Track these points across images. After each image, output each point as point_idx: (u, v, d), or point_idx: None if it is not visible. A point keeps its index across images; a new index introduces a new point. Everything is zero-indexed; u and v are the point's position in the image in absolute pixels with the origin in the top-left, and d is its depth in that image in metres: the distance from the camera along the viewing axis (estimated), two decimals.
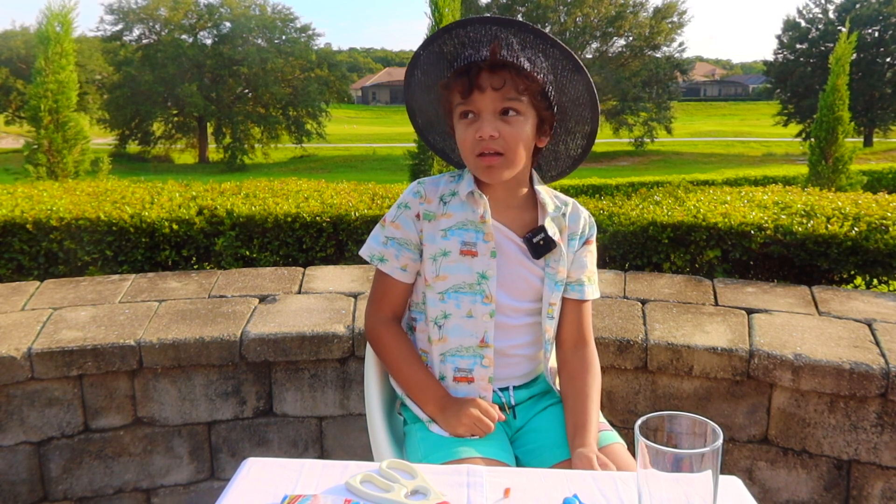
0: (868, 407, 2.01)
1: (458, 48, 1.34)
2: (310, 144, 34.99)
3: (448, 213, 1.39)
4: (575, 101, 1.37)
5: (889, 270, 2.74)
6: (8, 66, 33.11)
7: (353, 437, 2.31)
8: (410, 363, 1.41)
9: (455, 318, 1.39)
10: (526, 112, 1.32)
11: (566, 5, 34.03)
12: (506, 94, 1.29)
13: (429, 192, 1.41)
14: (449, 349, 1.40)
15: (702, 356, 2.10)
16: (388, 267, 1.41)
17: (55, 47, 5.40)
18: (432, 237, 1.39)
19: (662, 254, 2.94)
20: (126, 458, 2.25)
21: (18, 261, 3.03)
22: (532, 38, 1.30)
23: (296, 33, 36.06)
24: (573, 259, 1.45)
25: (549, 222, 1.40)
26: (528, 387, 1.47)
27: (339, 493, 0.98)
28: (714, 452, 0.81)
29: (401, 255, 1.40)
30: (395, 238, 1.41)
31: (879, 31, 32.93)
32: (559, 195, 1.47)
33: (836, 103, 6.59)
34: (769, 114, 39.57)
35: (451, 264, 1.38)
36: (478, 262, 1.38)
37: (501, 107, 1.30)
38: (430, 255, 1.40)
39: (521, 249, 1.41)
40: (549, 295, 1.41)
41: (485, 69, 1.29)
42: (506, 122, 1.30)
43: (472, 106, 1.31)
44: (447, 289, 1.39)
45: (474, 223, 1.38)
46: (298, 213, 3.10)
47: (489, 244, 1.37)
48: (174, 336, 2.18)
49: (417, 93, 1.45)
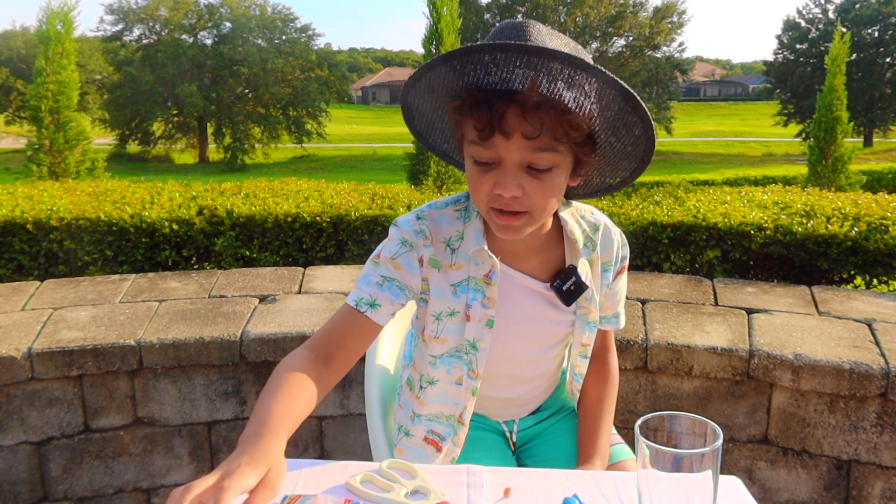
0: (868, 407, 2.01)
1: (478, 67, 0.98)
2: (310, 144, 35.00)
3: (458, 263, 1.15)
4: (625, 139, 1.06)
5: (889, 270, 2.74)
6: (8, 66, 33.12)
7: (353, 437, 2.31)
8: (279, 398, 0.96)
9: (442, 384, 1.22)
10: (562, 163, 1.03)
11: (566, 5, 34.02)
12: (539, 145, 0.98)
13: (433, 232, 1.14)
14: (426, 413, 1.25)
15: (702, 356, 2.10)
16: (377, 314, 1.10)
17: (56, 47, 5.35)
18: (441, 291, 1.15)
19: (662, 254, 2.94)
20: (126, 458, 2.25)
21: (18, 261, 3.03)
22: (584, 75, 0.96)
23: (296, 33, 36.06)
24: (608, 292, 1.25)
25: (582, 262, 1.18)
26: (534, 414, 1.36)
27: (339, 493, 0.97)
28: (714, 452, 0.81)
29: (397, 300, 1.11)
30: (394, 279, 1.12)
31: (879, 31, 32.93)
32: (586, 214, 1.22)
33: (833, 103, 6.59)
34: (769, 114, 39.58)
35: (455, 325, 1.17)
36: (471, 328, 1.16)
37: (530, 160, 1.00)
38: (434, 312, 1.17)
39: (546, 299, 1.18)
40: (580, 336, 1.23)
41: (516, 107, 0.96)
42: (534, 177, 1.01)
43: (492, 152, 1.00)
44: (443, 353, 1.20)
45: (476, 281, 1.14)
46: (298, 213, 3.10)
47: (488, 311, 1.15)
48: (174, 336, 2.19)
49: (420, 98, 1.12)
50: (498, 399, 1.30)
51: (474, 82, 0.99)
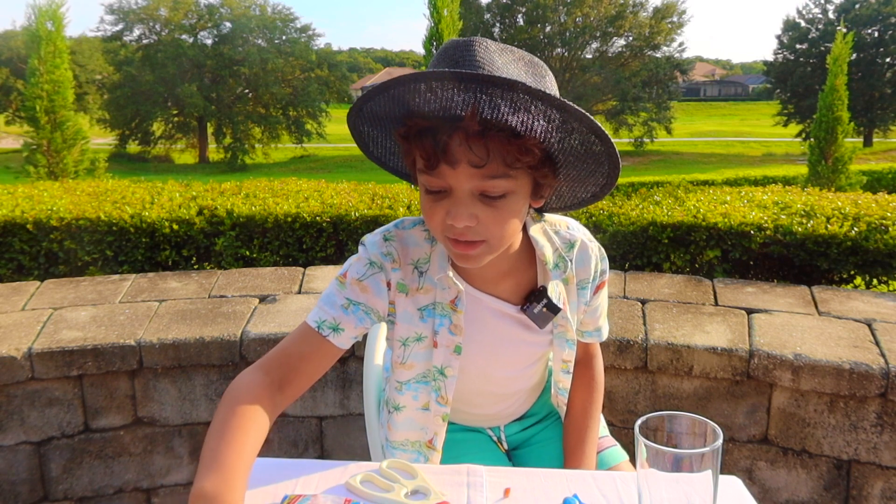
0: (868, 407, 2.01)
1: (416, 95, 0.92)
2: (310, 144, 35.03)
3: (426, 287, 1.10)
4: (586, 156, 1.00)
5: (889, 270, 2.74)
6: (8, 66, 33.12)
7: (353, 437, 2.31)
8: (235, 439, 0.90)
9: (409, 410, 1.17)
10: (517, 188, 0.97)
11: (566, 5, 34.02)
12: (489, 173, 0.93)
13: (401, 255, 1.09)
14: (396, 440, 1.21)
15: (702, 356, 2.10)
16: (339, 338, 1.06)
17: (47, 46, 5.24)
18: (408, 316, 1.10)
19: (662, 254, 2.94)
20: (126, 458, 2.25)
21: (19, 261, 3.03)
22: (529, 98, 0.89)
23: (296, 33, 36.10)
24: (588, 308, 1.20)
25: (552, 283, 1.12)
26: (520, 420, 1.34)
27: (339, 493, 0.98)
28: (714, 452, 0.81)
29: (360, 324, 1.07)
30: (360, 303, 1.07)
31: (879, 32, 32.94)
32: (561, 230, 1.15)
33: (834, 103, 6.59)
34: (769, 114, 39.59)
35: (422, 351, 1.12)
36: (438, 354, 1.11)
37: (482, 188, 0.94)
38: (400, 337, 1.12)
39: (518, 322, 1.14)
40: (560, 353, 1.19)
41: (460, 134, 0.91)
42: (488, 205, 0.96)
43: (442, 181, 0.95)
44: (409, 379, 1.15)
45: (443, 306, 1.09)
46: (298, 213, 3.10)
47: (455, 338, 1.10)
48: (174, 336, 2.19)
49: (368, 126, 1.05)
50: (476, 415, 1.28)
51: (415, 110, 0.93)
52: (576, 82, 32.94)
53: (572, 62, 34.42)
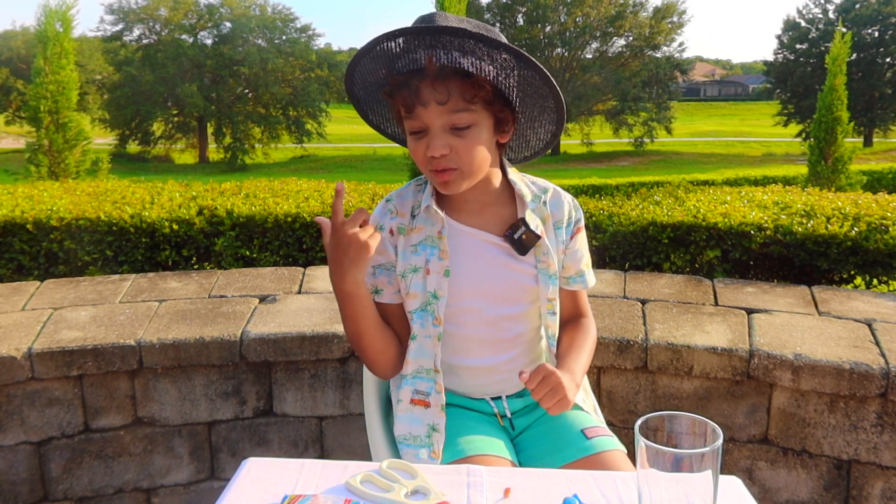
0: (868, 407, 2.01)
1: (395, 55, 1.19)
2: (310, 144, 35.04)
3: (418, 226, 1.32)
4: (534, 94, 1.25)
5: (889, 270, 2.74)
6: (8, 66, 33.14)
7: (353, 437, 2.31)
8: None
9: (419, 338, 1.33)
10: (480, 120, 1.20)
11: (566, 5, 34.03)
12: (453, 107, 1.17)
13: (399, 206, 1.34)
14: (409, 371, 1.35)
15: (702, 356, 2.10)
16: (385, 297, 1.34)
17: (54, 47, 5.27)
18: (404, 253, 1.32)
19: (662, 254, 2.94)
20: (126, 458, 2.25)
21: (19, 261, 3.03)
22: (473, 42, 1.15)
23: (296, 33, 36.10)
24: (568, 251, 1.37)
25: (530, 214, 1.32)
26: (522, 396, 1.41)
27: (339, 493, 0.98)
28: (714, 452, 0.81)
29: (393, 279, 1.33)
30: (381, 265, 1.33)
31: (879, 32, 32.95)
32: (537, 181, 1.39)
33: (834, 103, 6.59)
34: (769, 114, 39.60)
35: (419, 281, 1.31)
36: (431, 280, 1.30)
37: (450, 121, 1.18)
38: (401, 271, 1.32)
39: (504, 251, 1.32)
40: (545, 290, 1.33)
41: (426, 80, 1.16)
42: (458, 136, 1.19)
43: (419, 122, 1.20)
44: (415, 308, 1.33)
45: (433, 238, 1.31)
46: (298, 213, 3.10)
47: (443, 262, 1.29)
48: (174, 336, 2.19)
49: (362, 91, 1.31)
50: (477, 369, 1.36)
51: (393, 69, 1.20)
52: (576, 82, 32.95)
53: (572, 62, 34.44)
